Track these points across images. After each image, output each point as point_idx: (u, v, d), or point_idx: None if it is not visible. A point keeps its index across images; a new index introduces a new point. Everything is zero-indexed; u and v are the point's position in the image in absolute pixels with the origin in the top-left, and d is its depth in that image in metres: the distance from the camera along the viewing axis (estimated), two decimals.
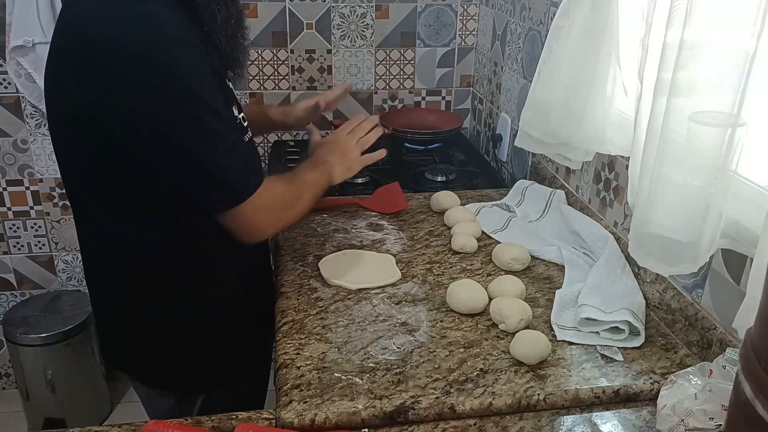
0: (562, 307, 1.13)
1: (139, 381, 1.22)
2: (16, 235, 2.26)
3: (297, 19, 2.12)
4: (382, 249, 1.35)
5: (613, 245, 1.25)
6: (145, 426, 0.84)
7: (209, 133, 0.95)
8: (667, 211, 0.91)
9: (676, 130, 0.87)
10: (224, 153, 0.97)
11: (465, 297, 1.12)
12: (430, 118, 2.20)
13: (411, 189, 1.73)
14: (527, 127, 1.35)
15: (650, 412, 0.92)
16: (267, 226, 1.06)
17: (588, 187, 1.44)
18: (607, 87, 1.20)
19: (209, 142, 0.95)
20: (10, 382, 2.45)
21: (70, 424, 2.20)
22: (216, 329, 1.16)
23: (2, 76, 2.05)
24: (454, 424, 0.90)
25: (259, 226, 1.04)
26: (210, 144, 0.95)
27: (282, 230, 1.23)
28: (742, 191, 0.92)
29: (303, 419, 0.88)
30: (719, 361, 0.82)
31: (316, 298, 1.17)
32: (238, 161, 0.99)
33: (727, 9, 0.81)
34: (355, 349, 1.02)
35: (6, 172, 2.17)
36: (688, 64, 0.85)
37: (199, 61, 0.94)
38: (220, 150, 0.96)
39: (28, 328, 2.13)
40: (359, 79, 2.24)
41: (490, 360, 1.00)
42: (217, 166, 0.96)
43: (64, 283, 2.37)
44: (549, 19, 1.59)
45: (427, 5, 2.17)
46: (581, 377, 0.97)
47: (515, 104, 1.88)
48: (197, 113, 0.93)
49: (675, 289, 1.09)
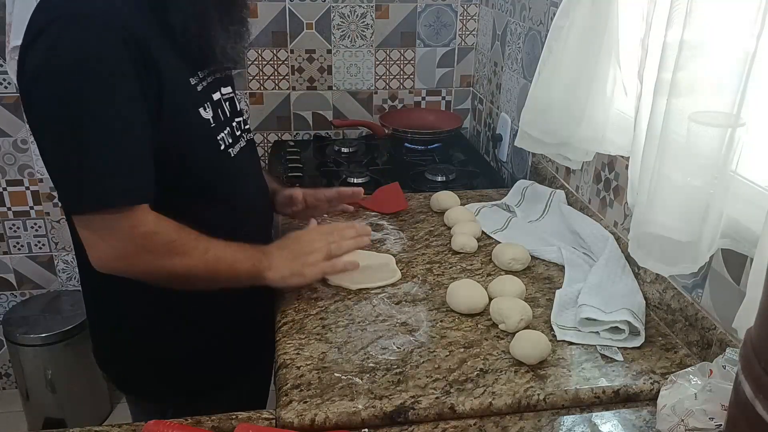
0: (562, 307, 1.13)
1: (115, 385, 1.22)
2: (16, 235, 2.26)
3: (297, 19, 2.12)
4: (382, 249, 1.35)
5: (613, 245, 1.25)
6: (145, 426, 0.84)
7: (83, 129, 0.88)
8: (667, 211, 0.91)
9: (676, 130, 0.87)
10: (86, 153, 0.88)
11: (465, 297, 1.12)
12: (430, 118, 2.20)
13: (411, 189, 1.73)
14: (527, 127, 1.35)
15: (650, 412, 0.92)
16: (112, 257, 0.94)
17: (588, 187, 1.44)
18: (607, 87, 1.20)
19: (76, 138, 0.88)
20: (10, 382, 2.45)
21: (70, 424, 2.19)
22: (198, 340, 1.14)
23: (2, 76, 2.05)
24: (454, 424, 0.90)
25: (100, 252, 0.94)
26: (76, 140, 0.88)
27: (140, 276, 0.98)
28: (742, 191, 0.92)
29: (303, 419, 0.88)
30: (719, 361, 0.82)
31: (316, 298, 1.17)
32: (98, 166, 0.89)
33: (727, 9, 0.81)
34: (355, 349, 1.02)
35: (6, 172, 2.17)
36: (688, 64, 0.85)
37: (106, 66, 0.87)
38: (83, 148, 0.88)
39: (28, 328, 2.13)
40: (359, 79, 2.23)
41: (490, 360, 1.00)
42: (72, 163, 0.89)
43: (64, 283, 2.37)
44: (549, 19, 1.59)
45: (427, 5, 2.17)
46: (581, 377, 0.97)
47: (515, 104, 1.88)
48: (72, 114, 0.87)
49: (675, 289, 1.09)
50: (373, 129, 2.20)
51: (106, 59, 0.87)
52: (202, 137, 1.02)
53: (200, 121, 1.01)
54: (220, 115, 1.06)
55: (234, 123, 1.11)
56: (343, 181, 1.80)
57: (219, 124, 1.05)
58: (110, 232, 0.93)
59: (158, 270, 0.97)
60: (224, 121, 1.07)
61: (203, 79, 1.03)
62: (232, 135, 1.09)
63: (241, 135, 1.13)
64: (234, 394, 1.18)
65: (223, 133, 1.06)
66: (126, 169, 0.91)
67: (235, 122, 1.12)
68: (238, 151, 1.10)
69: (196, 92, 1.01)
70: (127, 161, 0.91)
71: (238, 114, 1.14)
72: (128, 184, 0.91)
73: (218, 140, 1.05)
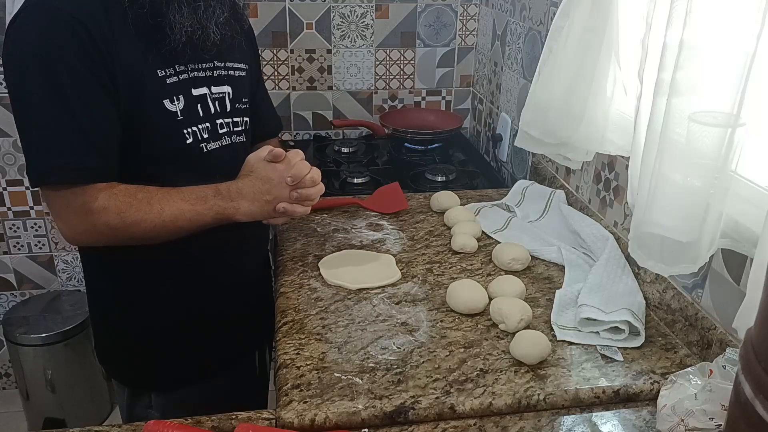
0: (562, 307, 1.13)
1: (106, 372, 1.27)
2: (16, 235, 2.26)
3: (297, 19, 2.12)
4: (382, 249, 1.35)
5: (613, 245, 1.25)
6: (145, 426, 0.84)
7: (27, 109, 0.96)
8: (667, 211, 0.91)
9: (676, 130, 0.87)
10: (29, 132, 0.97)
11: (465, 297, 1.12)
12: (430, 118, 2.20)
13: (411, 189, 1.73)
14: (527, 127, 1.35)
15: (650, 412, 0.92)
16: (74, 232, 1.00)
17: (588, 187, 1.44)
18: (607, 87, 1.20)
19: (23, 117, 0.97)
20: (10, 382, 2.45)
21: (70, 424, 2.20)
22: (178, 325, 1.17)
23: (2, 76, 2.05)
24: (454, 424, 0.90)
25: (62, 227, 1.00)
26: (23, 120, 0.97)
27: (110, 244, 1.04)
28: (742, 191, 0.92)
29: (303, 419, 0.88)
30: (719, 361, 0.82)
31: (316, 298, 1.17)
32: (39, 144, 0.96)
33: (727, 9, 0.81)
34: (355, 349, 1.02)
35: (6, 172, 2.17)
36: (688, 64, 0.85)
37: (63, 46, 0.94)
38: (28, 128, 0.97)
39: (28, 328, 2.13)
40: (359, 79, 2.23)
41: (490, 360, 1.00)
42: (23, 141, 0.97)
43: (64, 283, 2.37)
44: (549, 19, 1.59)
45: (427, 5, 2.17)
46: (581, 377, 0.97)
47: (515, 104, 1.88)
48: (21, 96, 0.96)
49: (675, 289, 1.09)
50: (373, 129, 2.20)
51: (54, 47, 0.93)
52: (164, 127, 1.04)
53: (163, 112, 1.03)
54: (198, 111, 1.08)
55: (218, 121, 1.11)
56: (343, 181, 1.80)
57: (191, 118, 1.07)
58: (65, 209, 0.99)
59: (120, 240, 1.02)
60: (201, 117, 1.08)
61: (180, 72, 1.05)
62: (210, 131, 1.10)
63: (225, 135, 1.13)
64: (219, 386, 1.22)
65: (194, 128, 1.07)
66: (68, 149, 0.96)
67: (220, 121, 1.12)
68: (215, 148, 1.11)
69: (165, 84, 1.03)
70: (69, 141, 0.96)
71: (227, 114, 1.13)
72: (70, 163, 0.96)
73: (184, 133, 1.06)
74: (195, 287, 1.16)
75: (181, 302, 1.15)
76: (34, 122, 0.96)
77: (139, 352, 1.18)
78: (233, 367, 1.27)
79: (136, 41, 0.99)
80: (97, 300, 1.21)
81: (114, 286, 1.16)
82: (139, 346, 1.18)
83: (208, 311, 1.18)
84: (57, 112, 0.95)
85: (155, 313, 1.15)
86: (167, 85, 1.04)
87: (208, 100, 1.10)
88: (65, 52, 0.93)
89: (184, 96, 1.06)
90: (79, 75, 0.95)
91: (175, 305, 1.15)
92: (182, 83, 1.06)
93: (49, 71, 0.94)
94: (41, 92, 0.94)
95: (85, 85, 0.95)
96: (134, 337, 1.18)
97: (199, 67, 1.09)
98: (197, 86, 1.08)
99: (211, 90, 1.11)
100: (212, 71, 1.11)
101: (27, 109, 0.96)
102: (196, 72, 1.08)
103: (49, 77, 0.94)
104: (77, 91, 0.95)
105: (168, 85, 1.04)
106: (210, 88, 1.11)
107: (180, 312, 1.15)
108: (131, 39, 0.99)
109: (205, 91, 1.10)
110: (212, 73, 1.11)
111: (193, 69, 1.08)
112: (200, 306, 1.17)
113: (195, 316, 1.17)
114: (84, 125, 0.96)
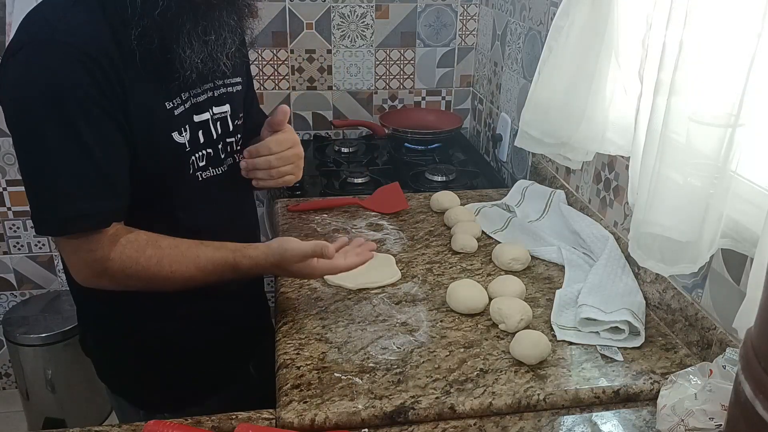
0: (562, 307, 1.13)
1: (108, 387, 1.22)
2: (16, 235, 2.26)
3: (297, 19, 2.12)
4: (382, 249, 1.35)
5: (613, 245, 1.25)
6: (145, 426, 0.84)
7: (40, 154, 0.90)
8: (667, 211, 0.91)
9: (676, 130, 0.87)
10: (43, 179, 0.91)
11: (465, 297, 1.12)
12: (430, 118, 2.20)
13: (411, 189, 1.73)
14: (527, 127, 1.35)
15: (650, 412, 0.92)
16: (82, 278, 0.96)
17: (588, 187, 1.44)
18: (607, 87, 1.20)
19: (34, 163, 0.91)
20: (10, 382, 2.45)
21: (70, 424, 2.19)
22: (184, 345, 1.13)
23: None
24: (454, 424, 0.90)
25: (72, 271, 0.97)
26: (34, 166, 0.91)
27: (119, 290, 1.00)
28: (742, 191, 0.92)
29: (303, 419, 0.88)
30: (719, 361, 0.82)
31: (316, 298, 1.17)
32: (55, 192, 0.90)
33: (727, 9, 0.81)
34: (355, 349, 1.02)
35: (6, 172, 2.17)
36: (688, 64, 0.85)
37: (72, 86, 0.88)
38: (41, 174, 0.91)
39: (28, 328, 2.13)
40: (359, 79, 2.23)
41: (490, 360, 1.00)
42: (33, 188, 0.92)
43: (64, 283, 2.37)
44: (549, 19, 1.59)
45: (427, 5, 2.17)
46: (581, 377, 0.97)
47: (515, 104, 1.88)
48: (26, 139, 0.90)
49: (675, 289, 1.09)
50: (373, 129, 2.20)
51: (66, 87, 0.87)
52: (174, 161, 1.01)
53: (173, 146, 0.99)
54: (199, 137, 1.03)
55: (221, 144, 1.08)
56: (343, 181, 1.80)
57: (195, 146, 1.03)
58: (73, 256, 0.95)
59: (128, 287, 0.98)
60: (202, 144, 1.04)
61: (186, 101, 1.01)
62: (210, 158, 1.06)
63: (228, 157, 1.10)
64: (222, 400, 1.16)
65: (194, 156, 1.03)
66: (90, 195, 0.91)
67: (221, 145, 1.08)
68: (209, 177, 1.06)
69: (173, 117, 0.99)
70: (92, 186, 0.91)
71: (229, 134, 1.10)
72: (92, 209, 0.91)
73: (190, 162, 1.03)
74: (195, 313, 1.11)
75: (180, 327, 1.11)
76: (51, 167, 0.89)
77: (140, 375, 1.15)
78: (233, 380, 1.23)
79: (146, 75, 0.93)
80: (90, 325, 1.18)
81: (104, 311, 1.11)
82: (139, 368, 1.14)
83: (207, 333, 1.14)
84: (75, 155, 0.89)
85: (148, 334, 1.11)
86: (175, 117, 0.99)
87: (209, 125, 1.06)
88: (78, 91, 0.87)
89: (189, 125, 1.02)
90: (94, 115, 0.89)
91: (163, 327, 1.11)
92: (187, 111, 1.01)
93: (62, 113, 0.87)
94: (56, 135, 0.88)
95: (101, 125, 0.90)
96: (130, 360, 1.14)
97: (202, 90, 1.04)
98: (199, 112, 1.03)
99: (212, 111, 1.06)
100: (213, 91, 1.06)
101: (40, 153, 0.89)
102: (199, 96, 1.03)
103: (63, 118, 0.87)
104: (93, 132, 0.90)
105: (176, 117, 0.99)
106: (212, 110, 1.06)
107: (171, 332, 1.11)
108: (141, 74, 0.93)
109: (207, 115, 1.05)
110: (213, 93, 1.06)
111: (196, 94, 1.02)
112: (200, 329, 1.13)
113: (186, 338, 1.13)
114: (103, 168, 0.91)
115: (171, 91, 0.98)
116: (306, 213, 1.51)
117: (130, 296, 1.02)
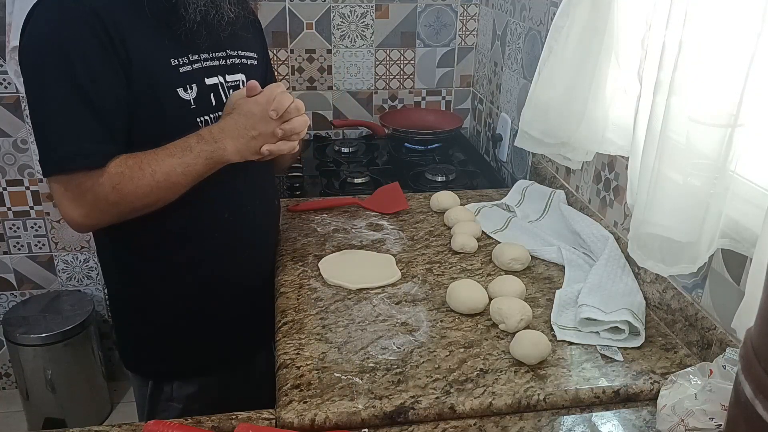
0: (562, 307, 1.13)
1: (124, 365, 1.28)
2: (16, 235, 2.26)
3: (297, 19, 2.12)
4: (382, 249, 1.35)
5: (613, 245, 1.25)
6: (145, 426, 0.84)
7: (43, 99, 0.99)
8: (667, 211, 0.91)
9: (676, 130, 0.87)
10: (45, 122, 0.99)
11: (465, 297, 1.12)
12: (430, 118, 2.20)
13: (411, 189, 1.73)
14: (527, 127, 1.35)
15: (650, 412, 0.92)
16: (78, 218, 1.02)
17: (588, 187, 1.44)
18: (607, 87, 1.20)
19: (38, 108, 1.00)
20: (10, 382, 2.45)
21: (70, 424, 2.20)
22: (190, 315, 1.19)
23: (2, 76, 2.05)
24: (454, 424, 0.90)
25: (67, 214, 1.02)
26: (38, 110, 1.00)
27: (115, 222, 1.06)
28: (742, 191, 0.92)
29: (303, 419, 0.88)
30: (719, 361, 0.82)
31: (316, 298, 1.17)
32: (55, 133, 0.99)
33: (727, 9, 0.81)
34: (355, 349, 1.02)
35: (6, 172, 2.17)
36: (687, 64, 0.85)
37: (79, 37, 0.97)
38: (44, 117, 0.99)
39: (28, 328, 2.13)
40: (359, 79, 2.24)
41: (490, 360, 1.00)
42: (38, 131, 1.00)
43: (64, 283, 2.37)
44: (549, 19, 1.59)
45: (427, 5, 2.17)
46: (581, 377, 0.97)
47: (515, 104, 1.88)
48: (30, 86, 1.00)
49: (675, 289, 1.09)
50: (373, 129, 2.20)
51: (65, 38, 0.97)
52: (177, 115, 1.05)
53: (177, 100, 1.05)
54: (210, 100, 1.09)
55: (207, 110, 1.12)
56: (343, 181, 1.80)
57: (203, 107, 1.08)
58: (73, 194, 1.00)
59: (123, 213, 1.04)
60: (214, 107, 1.09)
61: (194, 62, 1.06)
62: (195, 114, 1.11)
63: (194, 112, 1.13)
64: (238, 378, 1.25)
65: (206, 117, 1.08)
66: (86, 136, 0.99)
67: None
68: None
69: (177, 73, 1.05)
70: (89, 128, 0.99)
71: None
72: (88, 149, 0.99)
73: (197, 121, 1.07)
74: (210, 279, 1.17)
75: (197, 292, 1.17)
76: (51, 110, 0.98)
77: (159, 342, 1.20)
78: (251, 359, 1.29)
79: (151, 31, 1.02)
80: (117, 295, 1.24)
81: (131, 278, 1.18)
82: (159, 336, 1.20)
83: (226, 299, 1.20)
84: (74, 100, 0.97)
85: (173, 304, 1.17)
86: (181, 74, 1.05)
87: (220, 90, 1.11)
88: (80, 44, 0.96)
89: (197, 85, 1.07)
90: (94, 65, 0.97)
91: (191, 296, 1.17)
92: (195, 72, 1.07)
93: (67, 62, 0.96)
94: (58, 82, 0.97)
95: (100, 74, 0.98)
96: (153, 327, 1.20)
97: (213, 56, 1.10)
98: (210, 75, 1.09)
99: (225, 78, 1.12)
100: (225, 60, 1.12)
101: (44, 98, 0.98)
102: (209, 61, 1.09)
103: (66, 68, 0.96)
104: (92, 79, 0.98)
105: (182, 74, 1.05)
106: (224, 77, 1.12)
107: (197, 302, 1.18)
108: (146, 29, 1.01)
109: (218, 80, 1.10)
110: (226, 62, 1.12)
111: (207, 58, 1.09)
112: (218, 295, 1.19)
113: (212, 306, 1.19)
114: (101, 113, 0.99)
115: (177, 49, 1.04)
116: (306, 213, 1.51)
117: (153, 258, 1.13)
